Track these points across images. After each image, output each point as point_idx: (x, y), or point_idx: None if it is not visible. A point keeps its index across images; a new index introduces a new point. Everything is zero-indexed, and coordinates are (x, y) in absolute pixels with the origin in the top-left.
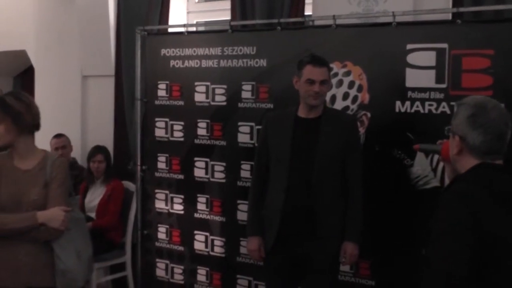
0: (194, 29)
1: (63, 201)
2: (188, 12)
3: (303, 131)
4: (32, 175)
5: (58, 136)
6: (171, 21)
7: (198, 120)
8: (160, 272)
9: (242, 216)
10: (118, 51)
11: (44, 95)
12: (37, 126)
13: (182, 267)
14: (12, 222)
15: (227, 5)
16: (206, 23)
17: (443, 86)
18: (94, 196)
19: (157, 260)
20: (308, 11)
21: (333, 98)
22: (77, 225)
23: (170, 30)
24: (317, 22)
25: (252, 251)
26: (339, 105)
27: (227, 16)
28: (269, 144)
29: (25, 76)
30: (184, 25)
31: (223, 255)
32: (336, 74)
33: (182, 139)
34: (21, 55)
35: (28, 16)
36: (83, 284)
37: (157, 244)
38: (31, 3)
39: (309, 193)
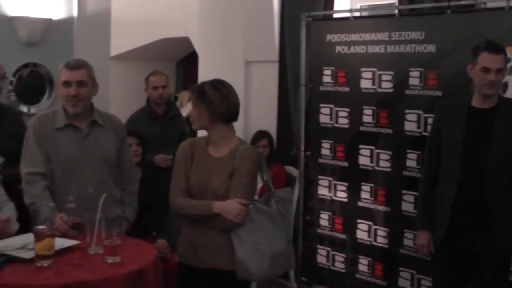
0: (359, 13)
1: (244, 193)
2: None
3: (477, 122)
4: (221, 163)
5: None
6: (335, 6)
7: (364, 107)
8: (321, 259)
9: (407, 207)
10: (282, 37)
11: (207, 79)
12: (233, 117)
13: (343, 255)
14: (190, 207)
15: None
16: (370, 7)
17: None
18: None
19: (318, 246)
20: None
21: (505, 86)
22: (265, 218)
23: (335, 15)
24: (489, 5)
25: (421, 246)
26: (511, 93)
27: None
28: (441, 134)
29: (187, 61)
30: (349, 10)
31: (386, 246)
32: (508, 60)
33: (347, 126)
34: (184, 41)
35: (192, 3)
36: (259, 279)
37: (318, 230)
38: None
39: (482, 186)
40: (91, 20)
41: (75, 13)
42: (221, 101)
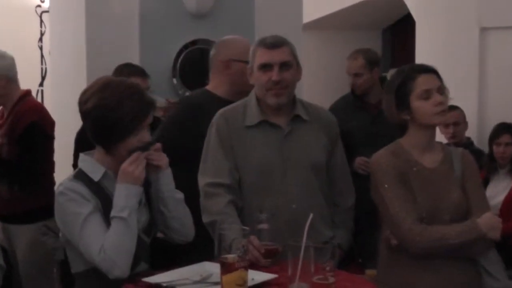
0: None
1: (489, 205)
2: None
3: None
4: (441, 173)
5: (451, 108)
6: None
7: None
8: None
9: None
10: None
11: (427, 52)
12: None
13: None
14: (452, 234)
15: None
16: None
17: None
18: (497, 191)
19: None
20: None
21: None
22: None
23: None
24: None
25: None
26: None
27: None
28: None
29: (398, 28)
30: None
31: None
32: None
33: None
34: (395, 2)
35: None
36: None
37: None
38: None
39: None
40: None
41: None
42: None
